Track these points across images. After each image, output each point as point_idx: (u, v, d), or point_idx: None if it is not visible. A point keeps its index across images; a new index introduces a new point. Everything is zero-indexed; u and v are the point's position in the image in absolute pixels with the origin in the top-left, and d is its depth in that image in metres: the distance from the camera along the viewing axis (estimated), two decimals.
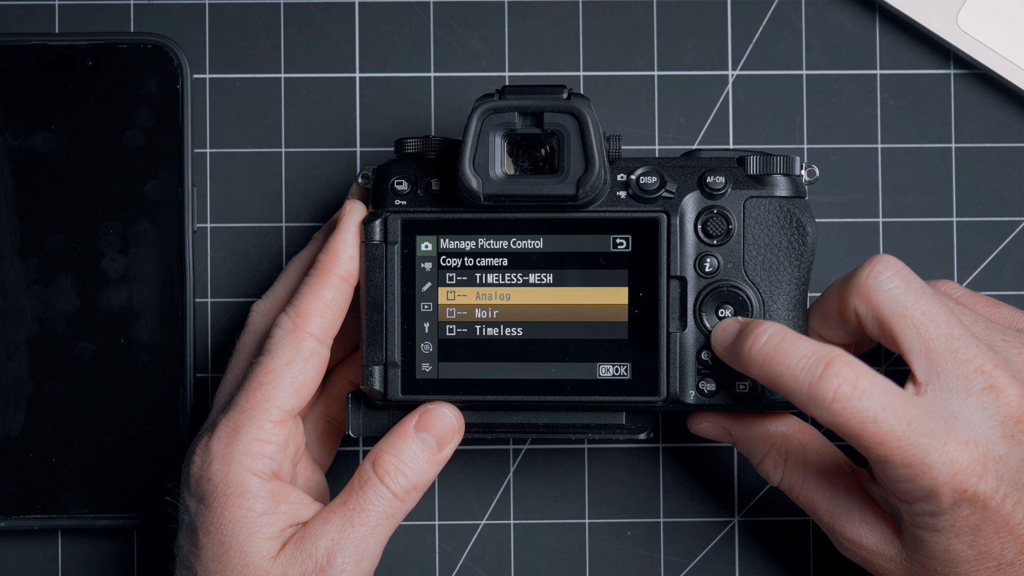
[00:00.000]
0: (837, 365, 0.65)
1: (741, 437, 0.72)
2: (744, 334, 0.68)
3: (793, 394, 0.66)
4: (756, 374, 0.67)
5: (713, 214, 0.71)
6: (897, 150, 0.79)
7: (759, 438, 0.72)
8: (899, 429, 0.65)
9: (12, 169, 0.77)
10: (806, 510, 0.72)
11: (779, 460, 0.71)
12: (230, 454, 0.69)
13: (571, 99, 0.69)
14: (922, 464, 0.65)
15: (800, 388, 0.65)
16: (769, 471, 0.72)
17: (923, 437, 0.65)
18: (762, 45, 0.79)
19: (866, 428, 0.65)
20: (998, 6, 0.78)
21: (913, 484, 0.66)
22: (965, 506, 0.66)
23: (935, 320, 0.67)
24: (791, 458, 0.71)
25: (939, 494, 0.66)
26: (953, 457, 0.65)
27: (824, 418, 0.65)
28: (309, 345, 0.70)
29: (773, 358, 0.66)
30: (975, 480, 0.66)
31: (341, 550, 0.69)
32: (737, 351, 0.68)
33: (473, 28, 0.79)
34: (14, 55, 0.77)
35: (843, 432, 0.65)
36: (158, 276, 0.77)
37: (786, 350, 0.66)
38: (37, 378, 0.77)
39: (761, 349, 0.67)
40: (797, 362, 0.66)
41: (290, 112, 0.79)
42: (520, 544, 0.79)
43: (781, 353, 0.66)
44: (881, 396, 0.65)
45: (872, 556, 0.70)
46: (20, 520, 0.77)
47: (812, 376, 0.65)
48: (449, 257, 0.71)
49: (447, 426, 0.71)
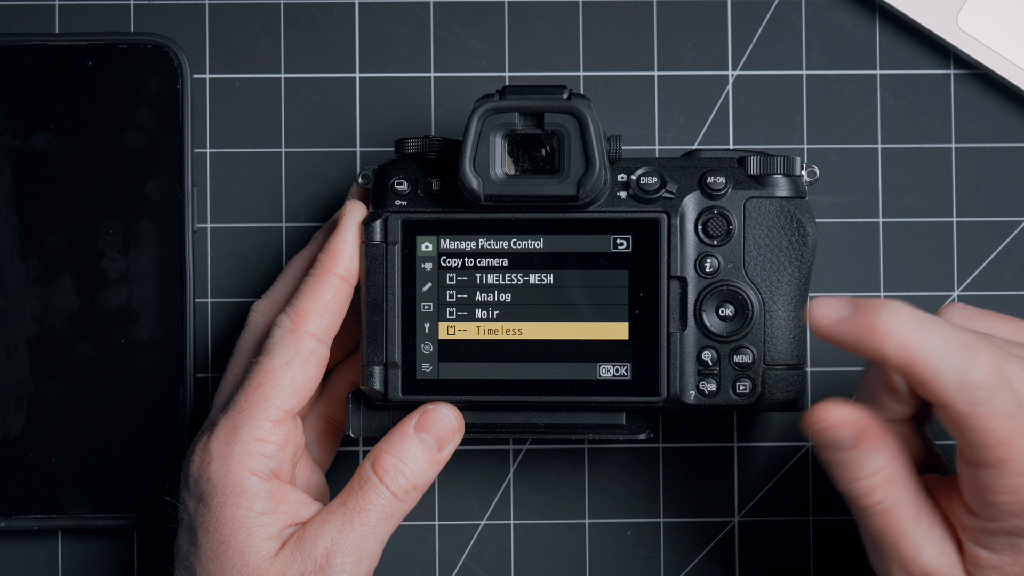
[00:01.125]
0: (985, 353, 0.61)
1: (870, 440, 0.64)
2: (872, 309, 0.62)
3: (938, 377, 0.61)
4: (892, 353, 0.61)
5: (713, 214, 0.71)
6: (897, 150, 0.79)
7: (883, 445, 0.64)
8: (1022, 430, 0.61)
9: (12, 169, 0.77)
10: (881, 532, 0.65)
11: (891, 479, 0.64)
12: (229, 454, 0.69)
13: (571, 99, 0.69)
14: None
15: (950, 371, 0.60)
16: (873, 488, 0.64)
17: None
18: (762, 45, 0.79)
19: (1000, 424, 0.61)
20: (998, 6, 0.78)
21: (1017, 495, 0.62)
22: None
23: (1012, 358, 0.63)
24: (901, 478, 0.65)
25: None
26: None
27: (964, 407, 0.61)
28: (308, 345, 0.70)
29: (917, 335, 0.61)
30: None
31: (340, 550, 0.69)
32: (867, 326, 0.61)
33: (473, 28, 0.79)
34: (14, 55, 0.77)
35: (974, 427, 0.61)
36: (158, 276, 0.77)
37: (932, 329, 0.61)
38: (37, 378, 0.77)
39: (902, 326, 0.61)
40: (946, 343, 0.61)
41: (290, 112, 0.79)
42: (520, 544, 0.79)
43: (925, 332, 0.61)
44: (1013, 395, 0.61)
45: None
46: (20, 520, 0.77)
47: (963, 359, 0.60)
48: (449, 257, 0.71)
49: (447, 426, 0.71)
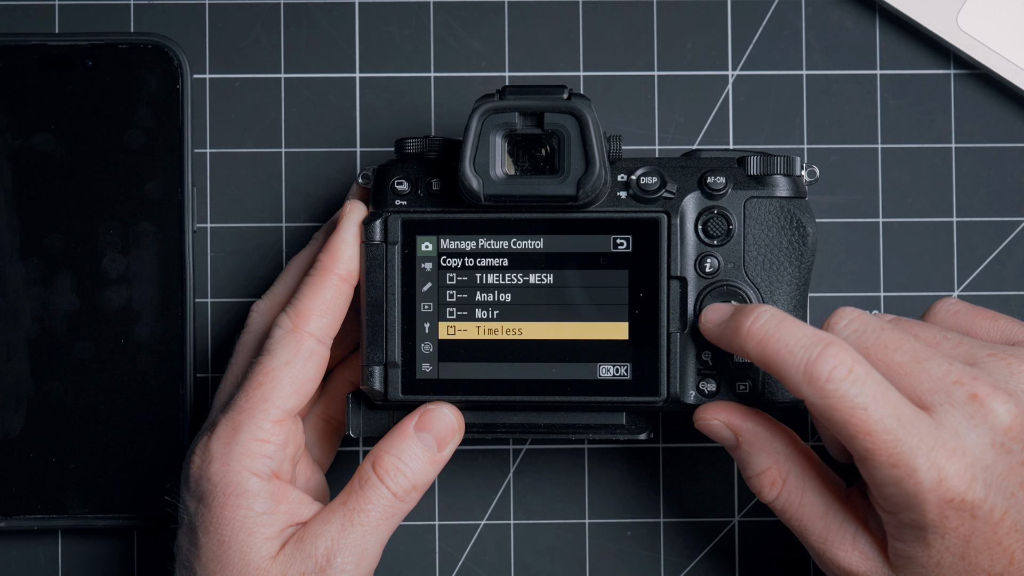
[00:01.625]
0: (835, 348, 0.65)
1: (747, 442, 0.70)
2: (743, 312, 0.67)
3: (788, 372, 0.65)
4: (752, 351, 0.67)
5: (713, 214, 0.71)
6: (897, 150, 0.79)
7: (764, 449, 0.70)
8: (888, 422, 0.64)
9: (12, 169, 0.77)
10: (796, 531, 0.70)
11: (779, 476, 0.70)
12: (229, 454, 0.69)
13: (571, 99, 0.69)
14: (908, 466, 0.64)
15: (797, 366, 0.65)
16: (764, 485, 0.70)
17: (912, 437, 0.64)
18: (762, 45, 0.79)
19: (856, 415, 0.64)
20: (998, 6, 0.78)
21: (898, 488, 0.65)
22: (953, 516, 0.65)
23: (899, 348, 0.67)
24: (793, 475, 0.70)
25: (924, 501, 0.65)
26: (940, 463, 0.64)
27: (816, 399, 0.65)
28: (308, 345, 0.70)
29: (773, 335, 0.66)
30: (963, 488, 0.64)
31: (341, 550, 0.69)
32: (735, 328, 0.67)
33: (473, 28, 0.79)
34: (14, 55, 0.77)
35: (831, 418, 0.65)
36: (158, 276, 0.77)
37: (787, 329, 0.66)
38: (37, 378, 0.77)
39: (762, 327, 0.66)
40: (797, 340, 0.66)
41: (290, 112, 0.79)
42: (520, 544, 0.79)
43: (781, 331, 0.66)
44: (874, 386, 0.65)
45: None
46: (20, 520, 0.77)
47: (810, 355, 0.65)
48: (449, 257, 0.71)
49: (447, 426, 0.71)
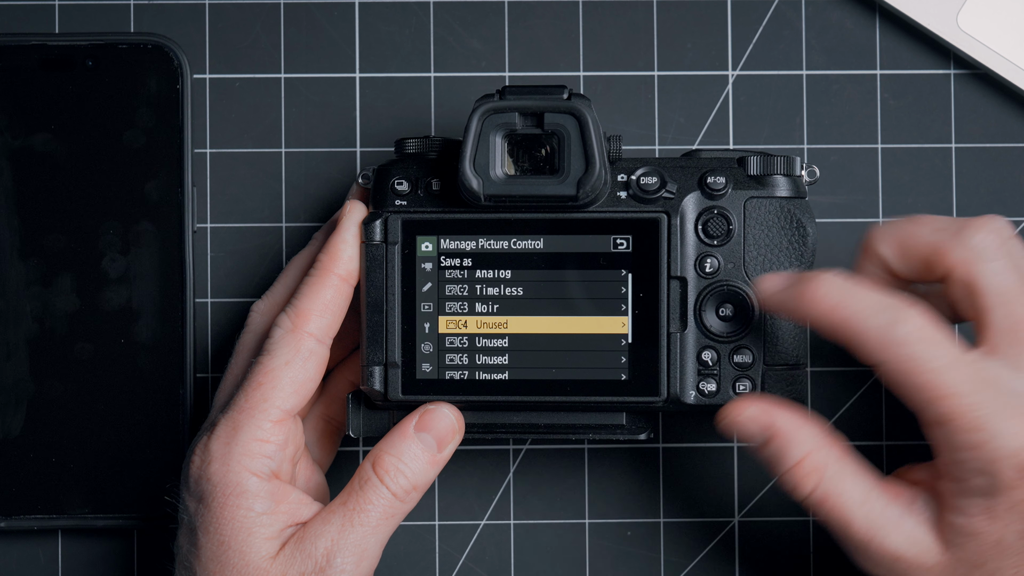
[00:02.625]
0: (912, 312, 0.65)
1: (781, 432, 0.68)
2: (807, 279, 0.66)
3: (863, 338, 0.65)
4: (820, 319, 0.66)
5: (713, 214, 0.71)
6: (897, 150, 0.79)
7: (800, 436, 0.68)
8: (967, 387, 0.64)
9: (12, 169, 0.77)
10: (837, 524, 0.68)
11: (818, 464, 0.68)
12: (229, 454, 0.69)
13: (571, 99, 0.69)
14: (988, 430, 0.64)
15: (872, 331, 0.64)
16: (801, 476, 0.68)
17: (993, 402, 0.64)
18: (762, 45, 0.79)
19: (936, 378, 0.64)
20: (998, 6, 0.78)
21: (974, 454, 0.64)
22: (1022, 487, 0.64)
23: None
24: (831, 462, 0.68)
25: (1000, 469, 0.64)
26: (1019, 431, 0.64)
27: (894, 363, 0.64)
28: (308, 345, 0.70)
29: (845, 300, 0.65)
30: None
31: (341, 550, 0.69)
32: (799, 295, 0.66)
33: (473, 28, 0.79)
34: (14, 55, 0.77)
35: (909, 383, 0.64)
36: (158, 276, 0.77)
37: (858, 294, 0.65)
38: (37, 378, 0.77)
39: (831, 291, 0.66)
40: (870, 306, 0.65)
41: (290, 112, 0.79)
42: (520, 544, 0.79)
43: (854, 296, 0.65)
44: (952, 349, 0.64)
45: (910, 569, 0.67)
46: (20, 520, 0.77)
47: (888, 318, 0.64)
48: (449, 257, 0.71)
49: (447, 426, 0.71)
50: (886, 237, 0.68)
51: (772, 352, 0.71)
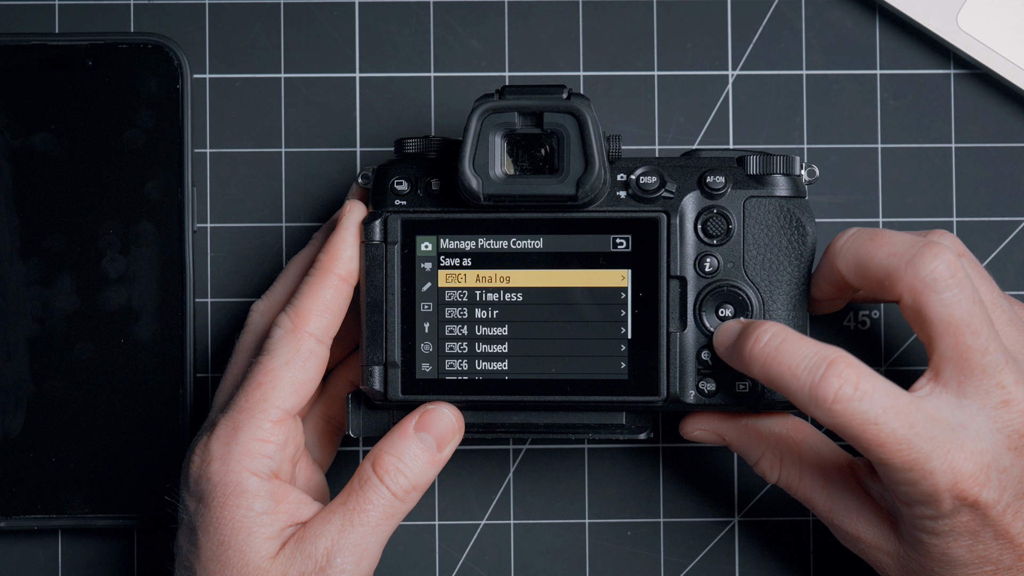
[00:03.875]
0: (839, 366, 0.65)
1: (735, 440, 0.72)
2: (745, 334, 0.67)
3: (794, 394, 0.66)
4: (757, 374, 0.67)
5: (713, 214, 0.71)
6: (897, 150, 0.79)
7: (754, 439, 0.72)
8: (900, 432, 0.65)
9: (12, 169, 0.77)
10: (805, 505, 0.72)
11: (775, 460, 0.71)
12: (229, 454, 0.69)
13: (571, 99, 0.69)
14: (923, 469, 0.65)
15: (801, 388, 0.65)
16: (766, 470, 0.72)
17: (925, 443, 0.65)
18: (762, 45, 0.79)
19: (867, 430, 0.65)
20: (998, 6, 0.78)
21: (914, 488, 0.66)
22: (965, 512, 0.66)
23: (977, 333, 0.66)
24: (787, 457, 0.71)
25: (939, 499, 0.66)
26: (956, 465, 0.65)
27: (825, 419, 0.65)
28: (308, 345, 0.70)
29: (775, 358, 0.66)
30: (977, 488, 0.65)
31: (341, 550, 0.69)
32: (739, 351, 0.68)
33: (473, 28, 0.79)
34: (14, 55, 0.77)
35: (844, 434, 0.65)
36: (158, 276, 0.77)
37: (788, 350, 0.66)
38: (37, 378, 0.77)
39: (763, 349, 0.66)
40: (799, 362, 0.66)
41: (290, 112, 0.79)
42: (520, 544, 0.79)
43: (783, 353, 0.66)
44: (883, 398, 0.65)
45: (870, 549, 0.70)
46: (20, 520, 0.77)
47: (813, 377, 0.65)
48: (449, 257, 0.71)
49: (447, 426, 0.71)
50: (844, 255, 0.69)
51: None
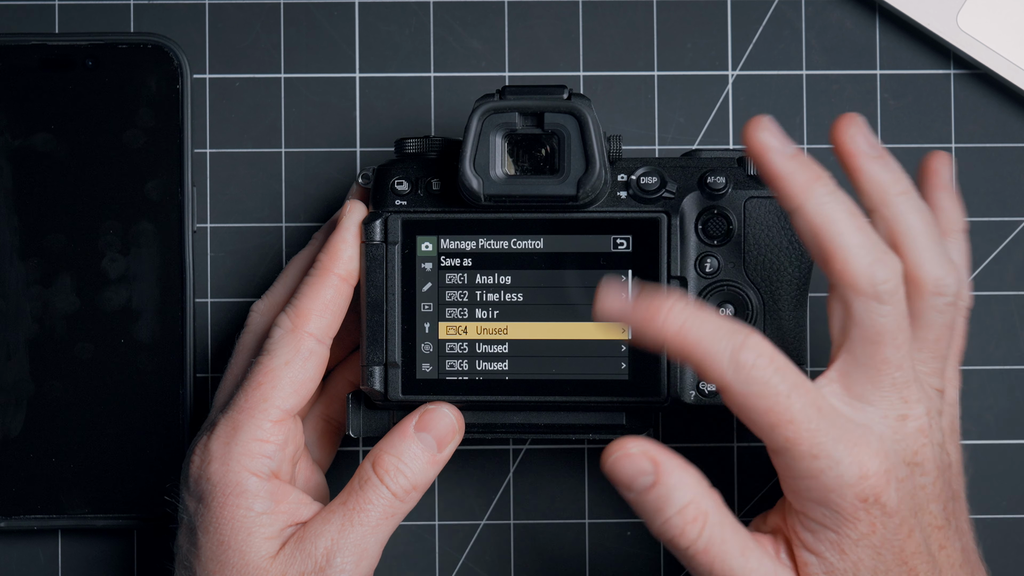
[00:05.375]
0: (756, 337, 0.63)
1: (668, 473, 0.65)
2: (653, 297, 0.64)
3: (712, 360, 0.63)
4: (671, 339, 0.63)
5: (713, 214, 0.71)
6: (897, 150, 0.79)
7: (686, 481, 0.65)
8: (809, 412, 0.63)
9: (12, 169, 0.77)
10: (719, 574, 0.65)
11: (701, 511, 0.65)
12: (229, 453, 0.69)
13: (571, 99, 0.69)
14: (830, 457, 0.63)
15: (722, 352, 0.63)
16: (687, 522, 0.64)
17: (834, 429, 0.63)
18: (762, 45, 0.79)
19: (779, 403, 0.63)
20: (998, 6, 0.78)
21: (816, 481, 0.64)
22: (865, 518, 0.64)
23: (898, 348, 0.65)
24: (713, 510, 0.65)
25: (842, 496, 0.63)
26: (863, 459, 0.63)
27: (740, 387, 0.63)
28: (308, 345, 0.70)
29: (694, 323, 0.63)
30: (881, 487, 0.63)
31: (340, 550, 0.69)
32: (649, 315, 0.64)
33: (473, 28, 0.79)
34: (14, 55, 0.77)
35: (754, 407, 0.63)
36: (158, 276, 0.77)
37: (706, 316, 0.63)
38: (37, 378, 0.77)
39: (680, 314, 0.63)
40: (719, 328, 0.63)
41: (290, 112, 0.79)
42: (520, 544, 0.79)
43: (699, 320, 0.63)
44: (795, 376, 0.63)
45: None
46: (20, 520, 0.77)
47: (735, 342, 0.63)
48: (449, 257, 0.71)
49: (447, 426, 0.71)
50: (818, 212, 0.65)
51: None
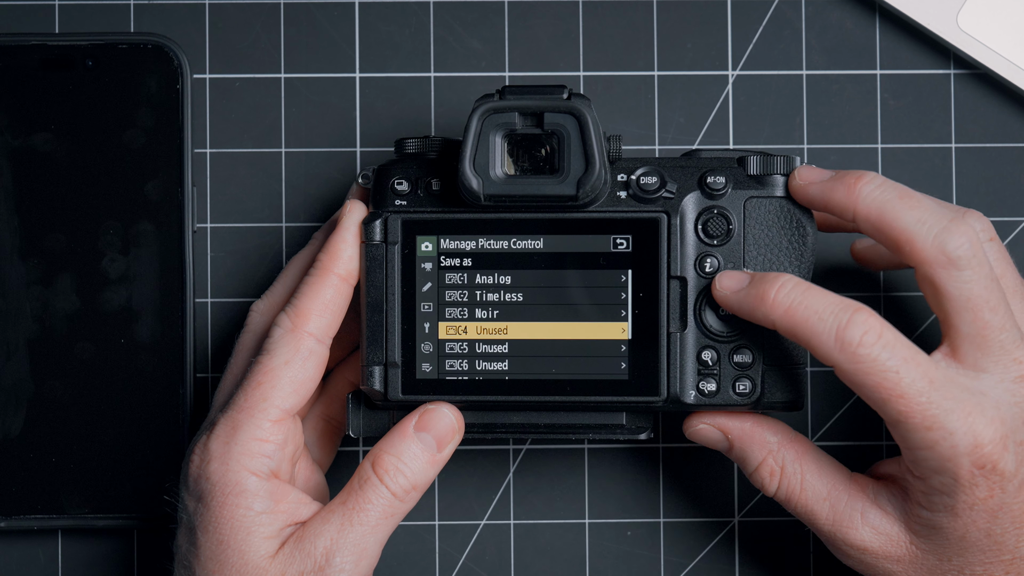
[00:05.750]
0: (863, 314, 0.66)
1: (738, 440, 0.71)
2: (765, 280, 0.68)
3: (819, 339, 0.66)
4: (779, 320, 0.67)
5: (713, 214, 0.71)
6: (897, 150, 0.79)
7: (756, 442, 0.71)
8: (920, 385, 0.65)
9: (12, 169, 0.77)
10: (805, 519, 0.71)
11: (775, 467, 0.71)
12: (228, 453, 0.69)
13: (571, 99, 0.69)
14: (943, 428, 0.65)
15: (827, 332, 0.66)
16: (765, 479, 0.71)
17: (946, 400, 0.65)
18: (762, 45, 0.79)
19: (887, 378, 0.65)
20: (998, 6, 0.78)
21: (932, 452, 0.66)
22: (983, 484, 0.66)
23: (995, 310, 0.67)
24: (789, 464, 0.71)
25: (958, 466, 0.65)
26: (977, 428, 0.65)
27: (848, 364, 0.66)
28: (308, 344, 0.70)
29: (801, 302, 0.67)
30: (998, 454, 0.66)
31: (340, 549, 0.69)
32: (759, 296, 0.68)
33: (473, 28, 0.79)
34: (14, 55, 0.77)
35: (863, 382, 0.66)
36: (158, 276, 0.77)
37: (814, 296, 0.67)
38: (37, 378, 0.77)
39: (789, 294, 0.67)
40: (825, 307, 0.67)
41: (290, 112, 0.79)
42: (520, 544, 0.79)
43: (809, 298, 0.67)
44: (904, 350, 0.66)
45: (878, 560, 0.70)
46: (20, 520, 0.77)
47: (840, 320, 0.66)
48: (449, 257, 0.71)
49: (447, 426, 0.71)
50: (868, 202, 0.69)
51: (772, 352, 0.71)
